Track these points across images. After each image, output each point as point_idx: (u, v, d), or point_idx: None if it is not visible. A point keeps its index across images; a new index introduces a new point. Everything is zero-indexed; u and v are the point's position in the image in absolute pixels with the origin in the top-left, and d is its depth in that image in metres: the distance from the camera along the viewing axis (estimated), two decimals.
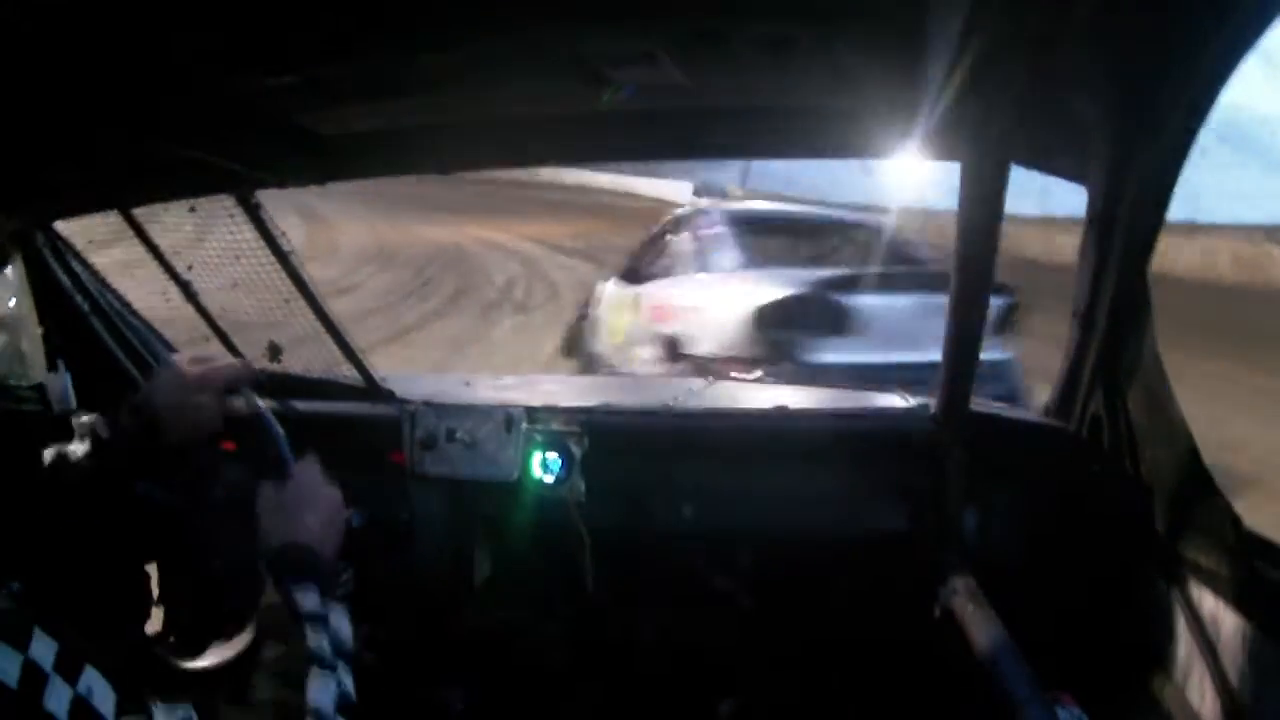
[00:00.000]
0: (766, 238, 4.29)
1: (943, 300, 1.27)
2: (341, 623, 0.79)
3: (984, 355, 1.45)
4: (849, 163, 0.99)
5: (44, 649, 0.56)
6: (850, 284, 3.51)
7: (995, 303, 2.97)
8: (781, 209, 5.28)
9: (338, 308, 1.43)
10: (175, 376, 1.02)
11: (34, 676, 0.55)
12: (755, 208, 5.17)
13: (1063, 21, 0.62)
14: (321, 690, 0.72)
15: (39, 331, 1.36)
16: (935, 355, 1.30)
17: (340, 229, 13.81)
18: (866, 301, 3.42)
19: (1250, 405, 5.48)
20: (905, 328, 3.27)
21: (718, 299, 3.69)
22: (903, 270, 3.71)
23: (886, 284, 3.54)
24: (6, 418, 1.27)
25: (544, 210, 19.47)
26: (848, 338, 3.36)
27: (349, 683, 0.76)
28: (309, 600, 0.78)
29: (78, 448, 0.96)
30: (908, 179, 0.96)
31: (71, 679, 0.57)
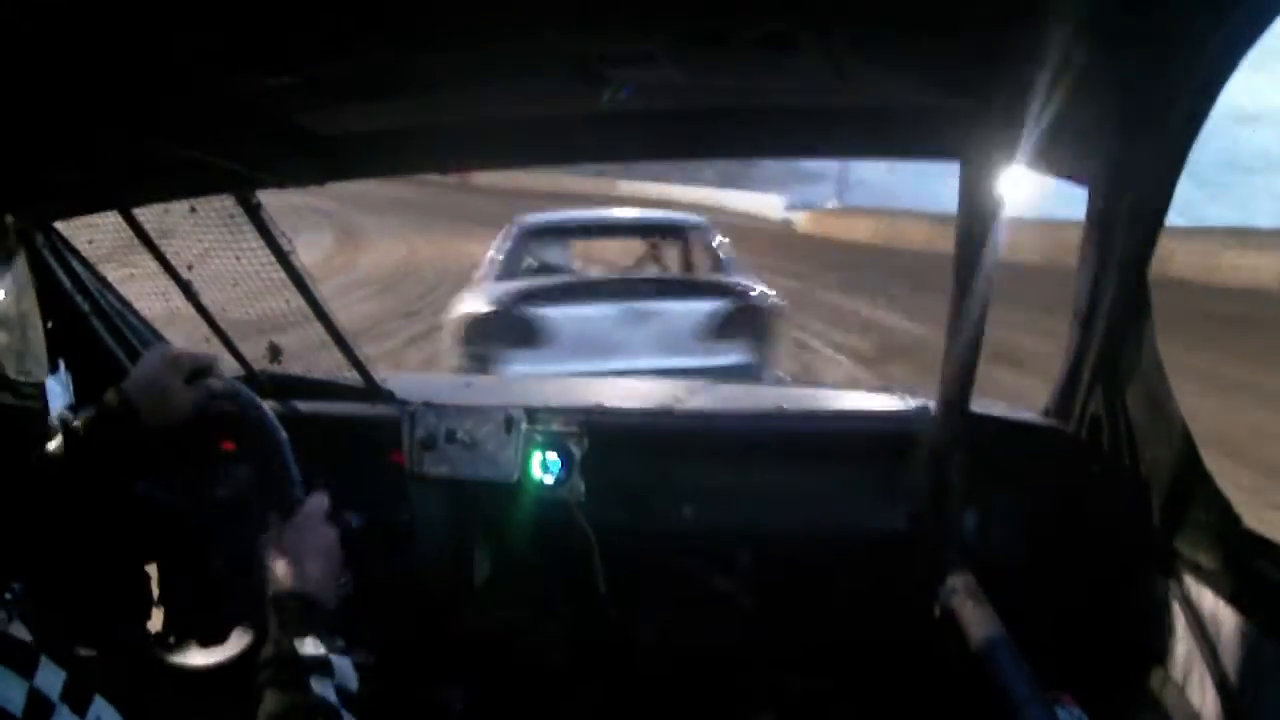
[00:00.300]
0: (558, 246, 4.39)
1: (658, 307, 1.27)
2: (347, 672, 0.79)
3: (717, 360, 1.47)
4: (952, 174, 0.96)
5: (51, 677, 0.56)
6: (548, 296, 3.53)
7: (720, 306, 3.38)
8: (591, 216, 5.19)
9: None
10: (152, 358, 1.03)
11: (40, 705, 0.55)
12: (565, 216, 5.03)
13: (1063, 22, 0.62)
14: None
15: (41, 331, 1.36)
16: (631, 363, 1.17)
17: (370, 245, 13.29)
18: (562, 313, 3.44)
19: None
20: (601, 337, 3.33)
21: (453, 312, 3.76)
22: (615, 278, 3.91)
23: (591, 293, 3.61)
24: (6, 414, 1.27)
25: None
26: (538, 349, 3.37)
27: None
28: (313, 649, 0.77)
29: (54, 444, 0.96)
30: (1019, 190, 0.95)
31: (80, 709, 0.57)
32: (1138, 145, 0.88)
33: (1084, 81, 0.83)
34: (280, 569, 0.86)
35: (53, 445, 0.95)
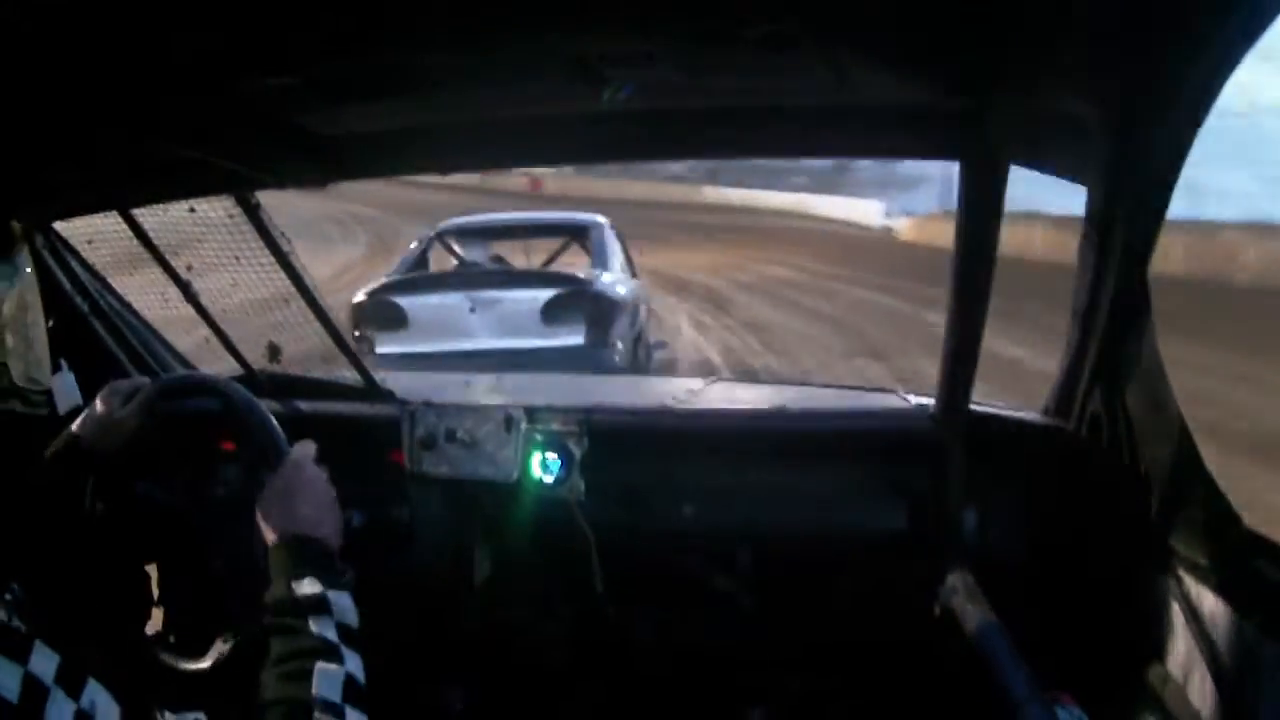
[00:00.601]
0: (478, 246, 4.96)
1: (502, 295, 2.16)
2: (346, 607, 0.80)
3: (552, 342, 2.27)
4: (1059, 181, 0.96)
5: (45, 662, 0.56)
6: (409, 287, 4.18)
7: (556, 294, 3.94)
8: (506, 218, 5.89)
9: None
10: (99, 395, 1.13)
11: (35, 690, 0.55)
12: (480, 219, 5.59)
13: (1063, 21, 0.62)
14: (328, 682, 0.72)
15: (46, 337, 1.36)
16: (478, 344, 1.89)
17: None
18: (419, 301, 4.05)
19: None
20: (453, 322, 3.94)
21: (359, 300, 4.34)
22: (468, 271, 4.42)
23: (445, 284, 4.23)
24: (13, 420, 1.27)
25: (720, 237, 16.81)
26: (400, 332, 3.99)
27: (357, 668, 0.76)
28: (310, 588, 0.78)
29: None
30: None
31: (74, 693, 0.57)
32: (1138, 145, 0.88)
33: (1084, 81, 0.83)
34: (274, 516, 0.86)
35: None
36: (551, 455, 1.35)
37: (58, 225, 1.38)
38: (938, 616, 1.16)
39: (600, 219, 5.20)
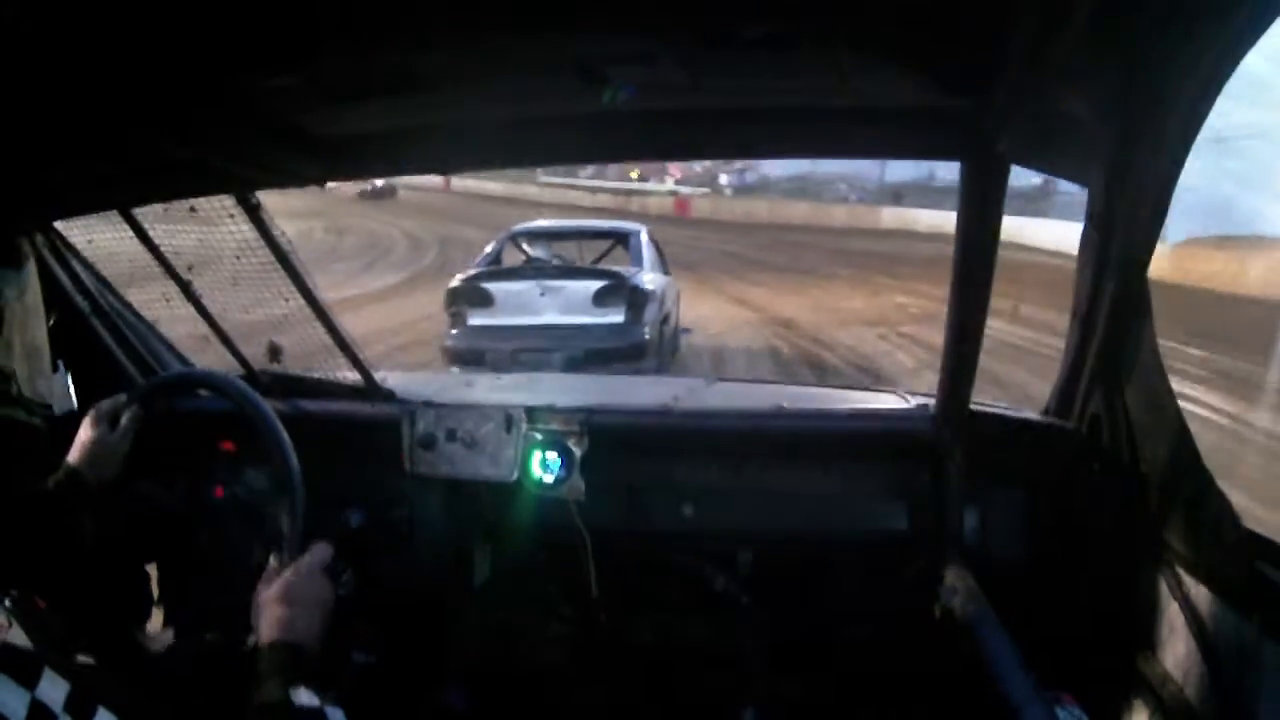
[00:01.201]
0: (542, 246, 6.45)
1: (564, 284, 4.60)
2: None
3: (599, 320, 4.49)
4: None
5: (54, 689, 0.56)
6: (493, 276, 5.78)
7: (602, 284, 5.44)
8: (565, 225, 7.93)
9: None
10: (84, 422, 1.15)
11: (43, 716, 0.55)
12: (545, 224, 7.54)
13: (1063, 21, 0.62)
14: None
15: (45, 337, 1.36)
16: (539, 320, 4.32)
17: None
18: (501, 286, 5.60)
19: None
20: (525, 303, 5.42)
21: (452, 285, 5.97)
22: (538, 265, 5.90)
23: (520, 275, 5.76)
24: (15, 430, 1.28)
25: (897, 267, 13.60)
26: (487, 309, 5.52)
27: None
28: (308, 699, 0.77)
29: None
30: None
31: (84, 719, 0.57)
32: (1138, 145, 0.88)
33: (1084, 81, 0.83)
34: (274, 614, 0.84)
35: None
36: (551, 455, 1.35)
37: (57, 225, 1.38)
38: (938, 616, 1.16)
39: (639, 228, 6.67)
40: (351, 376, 1.47)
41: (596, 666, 1.57)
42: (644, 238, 6.46)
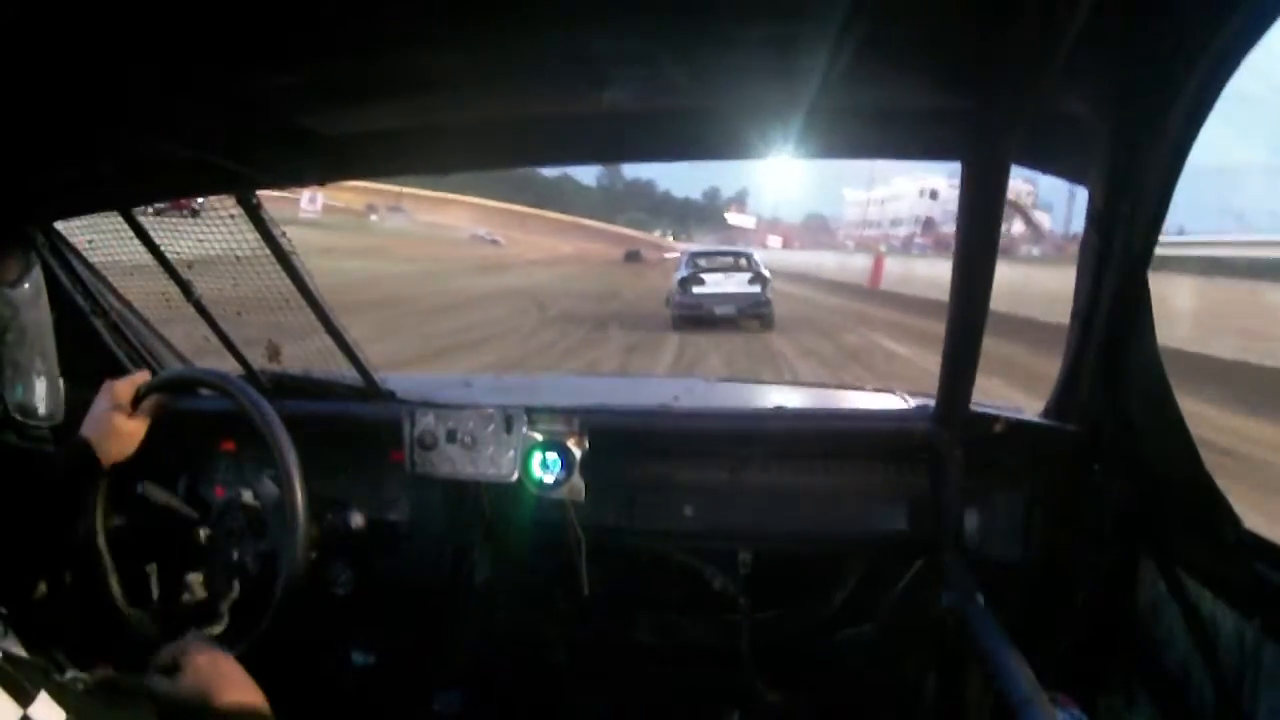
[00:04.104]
0: (702, 256, 14.16)
1: (732, 273, 13.03)
2: None
3: (749, 290, 12.74)
4: None
5: (48, 712, 0.55)
6: (702, 268, 13.21)
7: (749, 274, 13.29)
8: (716, 249, 17.26)
9: None
10: (100, 398, 1.13)
11: None
12: (705, 248, 17.77)
13: (1063, 21, 0.62)
14: None
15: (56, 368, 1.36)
16: (732, 289, 12.59)
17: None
18: (707, 274, 12.97)
19: None
20: (717, 284, 12.80)
21: (670, 282, 13.83)
22: (714, 260, 13.82)
23: (714, 267, 13.35)
24: (19, 457, 1.28)
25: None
26: (701, 287, 12.75)
27: None
28: None
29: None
30: None
31: None
32: (1138, 145, 0.88)
33: (1084, 82, 0.83)
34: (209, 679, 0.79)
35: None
36: (551, 455, 1.35)
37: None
38: (938, 616, 1.16)
39: (755, 251, 15.04)
40: (351, 376, 1.47)
41: (596, 666, 1.57)
42: (758, 255, 14.37)
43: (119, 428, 1.11)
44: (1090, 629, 1.16)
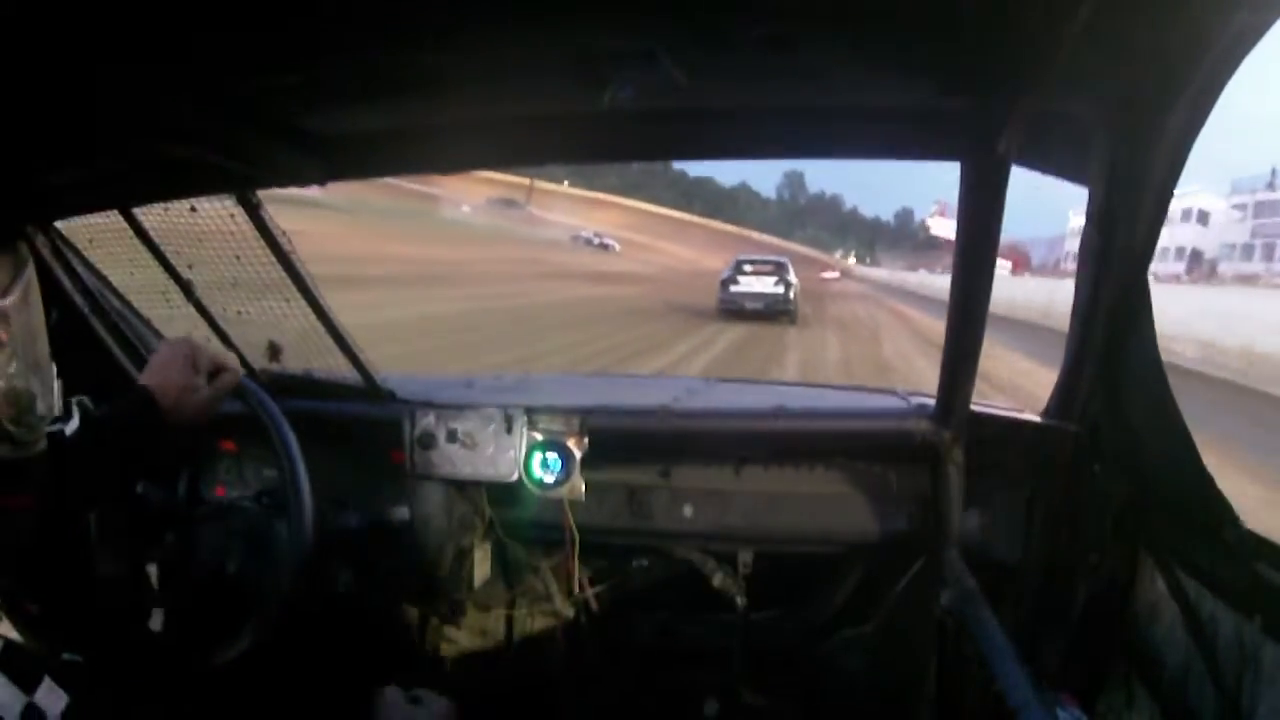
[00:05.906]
0: (746, 263, 17.97)
1: (765, 275, 17.31)
2: None
3: (776, 290, 17.13)
4: None
5: (52, 698, 0.55)
6: (741, 270, 17.56)
7: (778, 275, 17.84)
8: (758, 256, 19.39)
9: None
10: (173, 354, 1.04)
11: None
12: (747, 256, 19.31)
13: (1063, 21, 0.62)
14: None
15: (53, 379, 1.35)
16: (760, 289, 16.91)
17: None
18: (746, 274, 17.43)
19: None
20: (753, 283, 17.15)
21: (720, 279, 18.23)
22: (755, 265, 17.71)
23: (751, 269, 17.53)
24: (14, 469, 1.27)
25: None
26: (739, 286, 17.19)
27: None
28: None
29: (70, 427, 0.93)
30: None
31: None
32: (1138, 145, 0.88)
33: (1084, 81, 0.83)
34: None
35: (70, 428, 0.93)
36: (551, 455, 1.35)
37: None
38: (938, 616, 1.16)
39: (786, 259, 18.56)
40: (351, 376, 1.47)
41: (595, 666, 1.57)
42: (788, 263, 17.89)
43: (191, 385, 1.02)
44: (1090, 629, 1.16)
